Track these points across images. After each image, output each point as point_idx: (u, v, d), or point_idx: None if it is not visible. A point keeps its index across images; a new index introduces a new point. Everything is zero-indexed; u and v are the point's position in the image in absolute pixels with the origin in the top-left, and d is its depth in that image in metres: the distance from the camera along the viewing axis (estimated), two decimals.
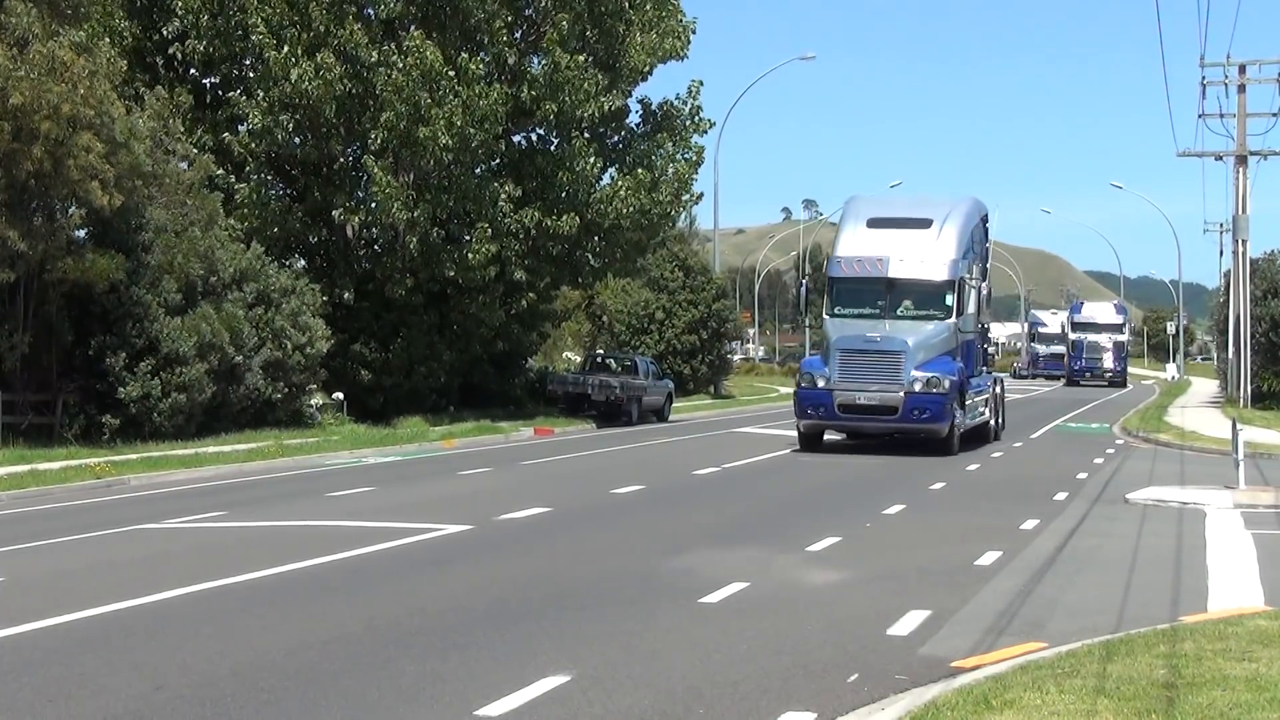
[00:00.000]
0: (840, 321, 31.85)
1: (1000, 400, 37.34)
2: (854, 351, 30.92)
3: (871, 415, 31.03)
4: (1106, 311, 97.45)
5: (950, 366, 31.08)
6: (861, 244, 32.53)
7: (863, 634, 11.14)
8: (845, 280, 32.39)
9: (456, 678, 9.59)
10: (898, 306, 31.70)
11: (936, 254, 32.03)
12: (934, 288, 31.79)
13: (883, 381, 30.61)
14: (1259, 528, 18.26)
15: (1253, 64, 55.45)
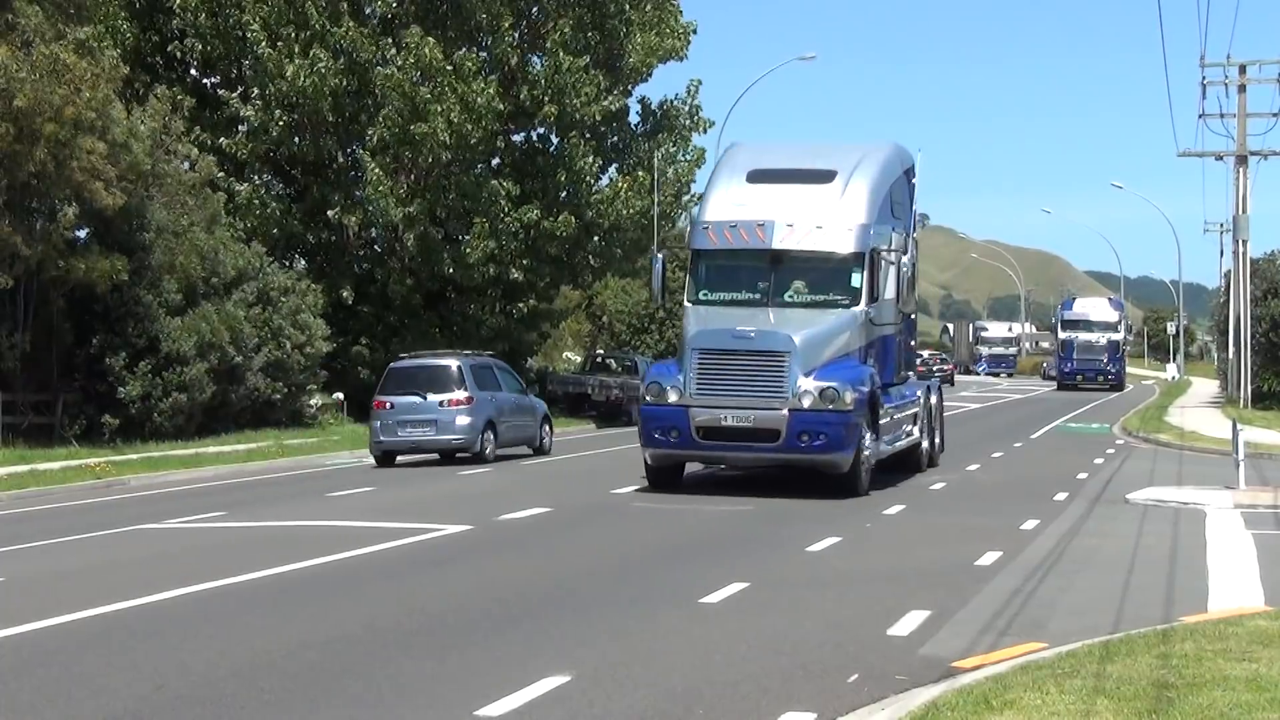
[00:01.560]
0: (705, 311, 22.73)
1: (938, 415, 27.79)
2: (717, 353, 21.68)
3: (743, 443, 21.65)
4: (1100, 308, 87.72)
5: (857, 372, 22.06)
6: (738, 204, 23.39)
7: (863, 634, 11.14)
8: (713, 254, 23.30)
9: (456, 678, 9.59)
10: (785, 290, 22.74)
11: (840, 217, 22.94)
12: (837, 263, 22.75)
13: (758, 394, 21.40)
14: (1259, 528, 18.26)
15: (1253, 64, 55.43)
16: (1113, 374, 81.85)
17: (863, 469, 21.79)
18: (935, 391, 27.91)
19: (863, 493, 21.58)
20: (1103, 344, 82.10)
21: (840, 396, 21.28)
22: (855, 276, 22.77)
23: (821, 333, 22.09)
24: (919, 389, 26.46)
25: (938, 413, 27.98)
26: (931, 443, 27.07)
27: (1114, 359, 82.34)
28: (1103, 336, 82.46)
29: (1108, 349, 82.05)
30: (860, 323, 22.67)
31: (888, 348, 24.18)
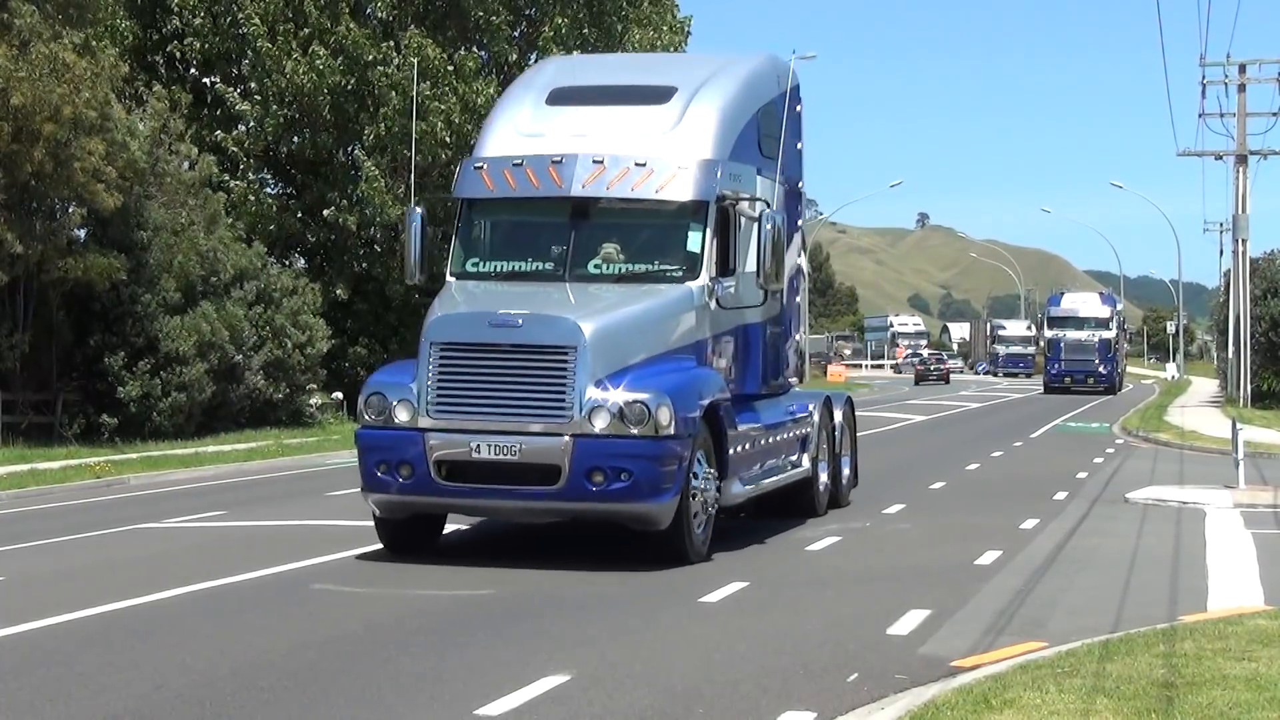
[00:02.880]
0: (473, 289, 15.88)
1: (845, 438, 20.21)
2: (466, 350, 14.69)
3: (505, 485, 14.52)
4: (1090, 303, 79.83)
5: (687, 378, 15.14)
6: (529, 135, 16.36)
7: (863, 634, 11.15)
8: (489, 206, 16.32)
9: (456, 677, 9.60)
10: (591, 256, 15.74)
11: (676, 151, 15.90)
12: (668, 218, 15.94)
13: (527, 412, 14.45)
14: (1259, 527, 18.26)
15: (1253, 64, 55.49)
16: (1104, 375, 74.52)
17: (695, 523, 14.56)
18: (842, 405, 20.09)
19: (693, 558, 14.44)
20: (1093, 342, 74.99)
21: (651, 414, 14.08)
22: (694, 237, 15.60)
23: (631, 319, 14.93)
24: (810, 402, 18.98)
25: (845, 435, 20.10)
26: (835, 475, 19.52)
27: (1106, 358, 75.14)
28: (1093, 334, 75.41)
29: (1098, 348, 74.90)
30: (698, 305, 15.40)
31: (749, 343, 16.87)
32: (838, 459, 19.87)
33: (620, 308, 15.15)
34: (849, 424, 20.59)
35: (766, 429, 17.11)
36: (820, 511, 18.88)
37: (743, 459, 16.07)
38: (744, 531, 17.66)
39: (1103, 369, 74.45)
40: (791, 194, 18.83)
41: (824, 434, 19.16)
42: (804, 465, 18.46)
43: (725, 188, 15.98)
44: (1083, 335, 75.06)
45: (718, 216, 15.82)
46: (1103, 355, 74.79)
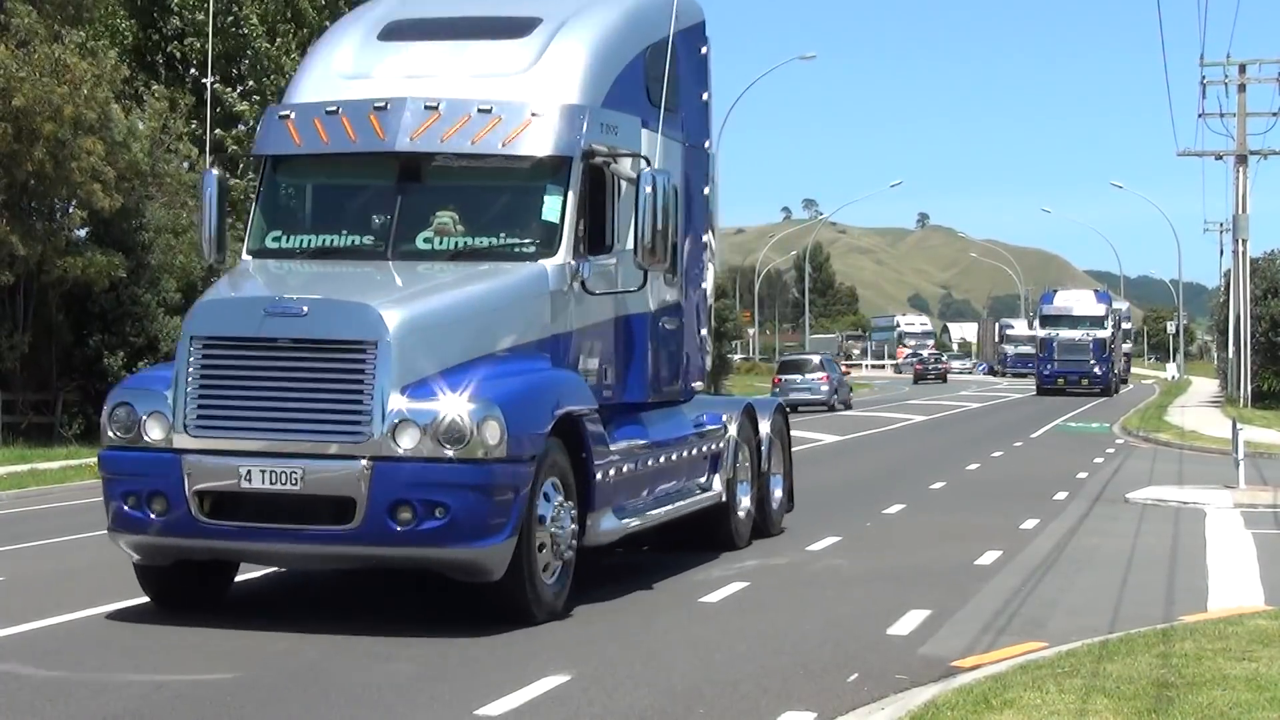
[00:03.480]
0: (264, 269, 12.87)
1: (775, 455, 17.08)
2: (235, 345, 11.47)
3: (285, 525, 11.21)
4: (1085, 300, 76.12)
5: (532, 382, 11.97)
6: (351, 77, 13.24)
7: (863, 634, 11.15)
8: (296, 165, 13.21)
9: (456, 678, 9.60)
10: (421, 228, 12.69)
11: (530, 94, 12.78)
12: (519, 178, 12.89)
13: (310, 427, 11.21)
14: (1259, 527, 18.27)
15: (1253, 63, 55.55)
16: (1099, 376, 71.20)
17: (542, 572, 11.44)
18: (770, 415, 16.80)
19: (540, 616, 11.38)
20: (1088, 342, 71.67)
21: (474, 431, 10.92)
22: (551, 203, 12.51)
23: (456, 306, 11.84)
24: (726, 412, 15.84)
25: (775, 451, 16.96)
26: (762, 499, 16.50)
27: (1101, 358, 71.85)
28: (1088, 333, 71.96)
29: (1093, 347, 71.64)
30: (555, 289, 12.27)
31: (632, 339, 13.58)
32: (765, 480, 16.57)
33: (443, 292, 11.94)
34: (780, 437, 17.20)
35: (657, 446, 13.79)
36: (740, 543, 15.71)
37: (619, 485, 12.71)
38: None
39: (1098, 369, 71.48)
40: (696, 155, 15.34)
41: (744, 450, 16.02)
42: (715, 488, 15.18)
43: (596, 141, 12.67)
44: (1077, 334, 71.89)
45: (585, 177, 12.51)
46: (1098, 355, 71.74)
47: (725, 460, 15.47)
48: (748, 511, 16.15)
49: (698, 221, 15.43)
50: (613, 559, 14.28)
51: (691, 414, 15.24)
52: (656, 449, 13.85)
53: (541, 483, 11.42)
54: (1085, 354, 71.28)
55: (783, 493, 17.39)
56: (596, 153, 12.72)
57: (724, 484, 15.39)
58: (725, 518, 15.58)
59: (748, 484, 16.16)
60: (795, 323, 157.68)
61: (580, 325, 12.69)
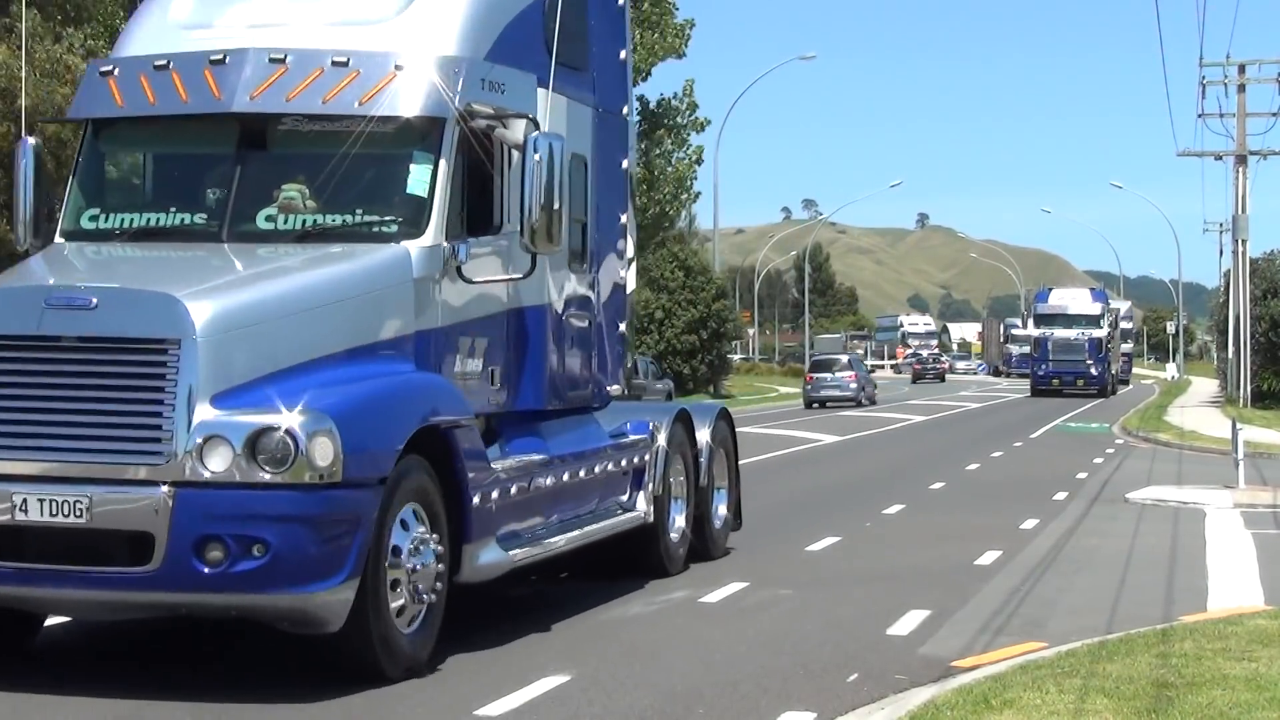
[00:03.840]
0: (71, 253, 10.72)
1: (715, 464, 14.89)
2: (8, 345, 9.21)
3: (65, 567, 8.97)
4: (1080, 299, 73.85)
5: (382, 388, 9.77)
6: (188, 25, 11.19)
7: (863, 634, 11.16)
8: (117, 129, 11.19)
9: (456, 678, 9.60)
10: (263, 204, 10.57)
11: (395, 44, 10.81)
12: (379, 146, 10.59)
13: (98, 446, 9.02)
14: (1259, 527, 18.27)
15: (1252, 64, 55.60)
16: (1095, 377, 69.09)
17: (395, 620, 9.42)
18: (709, 422, 14.73)
19: (393, 672, 9.41)
20: (1083, 341, 69.59)
21: (300, 448, 8.86)
22: (418, 172, 10.57)
23: (289, 297, 9.75)
24: (653, 420, 13.78)
25: (718, 463, 14.92)
26: (702, 518, 14.51)
27: (1097, 358, 69.71)
28: (1083, 333, 69.81)
29: (1089, 347, 69.53)
30: (422, 275, 10.31)
31: (524, 334, 11.58)
32: (704, 496, 14.51)
33: (273, 280, 9.90)
34: (724, 447, 15.15)
35: (559, 462, 11.76)
36: (673, 568, 13.79)
37: (506, 509, 10.69)
38: (743, 531, 17.67)
39: (1094, 370, 69.42)
40: (610, 122, 13.26)
41: (677, 463, 13.98)
42: (639, 508, 13.24)
43: (477, 100, 10.73)
44: (1071, 334, 69.82)
45: (462, 143, 10.56)
46: (1093, 355, 69.68)
47: (652, 475, 13.42)
48: (682, 533, 14.08)
49: (613, 198, 13.30)
50: (521, 590, 12.62)
51: (610, 423, 13.37)
52: (559, 465, 11.74)
53: (396, 510, 9.33)
54: (1080, 354, 69.47)
55: (728, 510, 15.25)
56: (477, 114, 10.67)
57: (650, 502, 13.35)
58: (653, 541, 13.53)
59: (682, 501, 14.10)
60: (795, 323, 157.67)
61: (455, 320, 10.63)
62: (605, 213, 13.14)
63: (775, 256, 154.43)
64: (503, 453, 11.13)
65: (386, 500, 9.23)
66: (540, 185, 10.49)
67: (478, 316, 10.95)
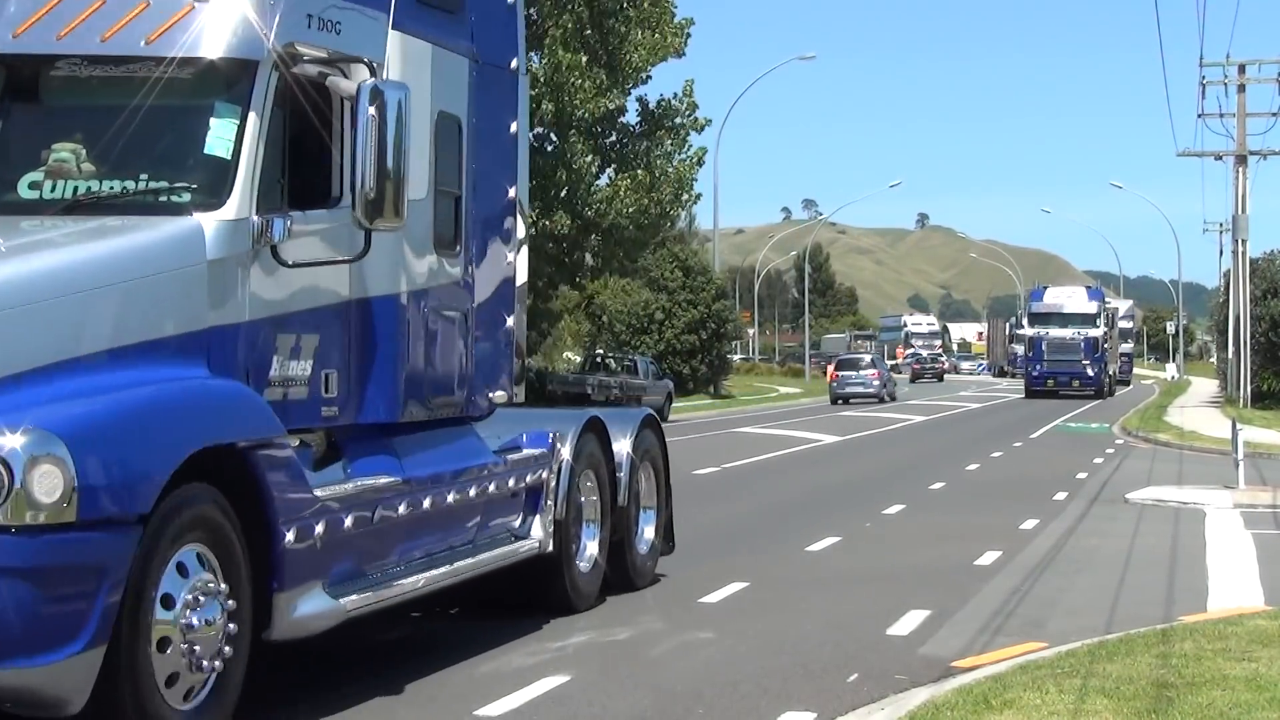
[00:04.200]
0: None
1: (638, 480, 12.94)
2: None
3: None
4: (1076, 298, 71.73)
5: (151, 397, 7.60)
6: None
7: (863, 634, 11.15)
8: None
9: (456, 677, 9.60)
10: (28, 167, 8.53)
11: None
12: (172, 96, 8.47)
13: None
14: (1259, 528, 18.27)
15: (1252, 64, 55.63)
16: (1091, 377, 67.36)
17: (164, 693, 7.36)
18: (631, 432, 12.71)
19: None
20: (1078, 341, 67.76)
21: (16, 478, 6.80)
22: (220, 129, 8.63)
23: (31, 282, 7.61)
24: (556, 429, 11.74)
25: (642, 479, 13.03)
26: (622, 543, 12.58)
27: (1093, 358, 67.90)
28: (1079, 332, 67.95)
29: (1084, 347, 67.72)
30: (217, 255, 8.30)
31: (368, 330, 9.53)
32: (625, 518, 12.52)
33: (14, 260, 7.73)
34: (651, 460, 13.18)
35: (418, 485, 9.63)
36: (582, 603, 11.85)
37: (338, 546, 8.62)
38: (744, 532, 17.68)
39: (1090, 370, 67.60)
40: (493, 77, 11.09)
41: (588, 481, 12.04)
42: (534, 535, 11.30)
43: (302, 40, 8.82)
44: (1067, 333, 67.92)
45: (281, 93, 8.66)
46: (1089, 355, 67.86)
47: (552, 495, 11.44)
48: (593, 562, 12.12)
49: (498, 169, 11.22)
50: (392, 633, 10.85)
51: (497, 435, 11.29)
52: (418, 488, 9.62)
53: (167, 554, 7.36)
54: (1076, 354, 67.74)
55: (656, 531, 13.26)
56: (303, 57, 8.77)
57: (549, 528, 11.39)
58: (555, 573, 11.55)
59: (595, 525, 12.17)
60: (795, 323, 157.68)
61: (270, 313, 8.58)
62: (487, 186, 10.91)
63: (775, 256, 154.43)
64: (345, 475, 9.11)
65: (150, 543, 7.19)
66: (373, 146, 8.41)
67: (303, 309, 8.78)
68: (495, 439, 11.23)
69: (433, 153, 9.90)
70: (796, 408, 59.55)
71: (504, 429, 11.47)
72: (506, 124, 11.46)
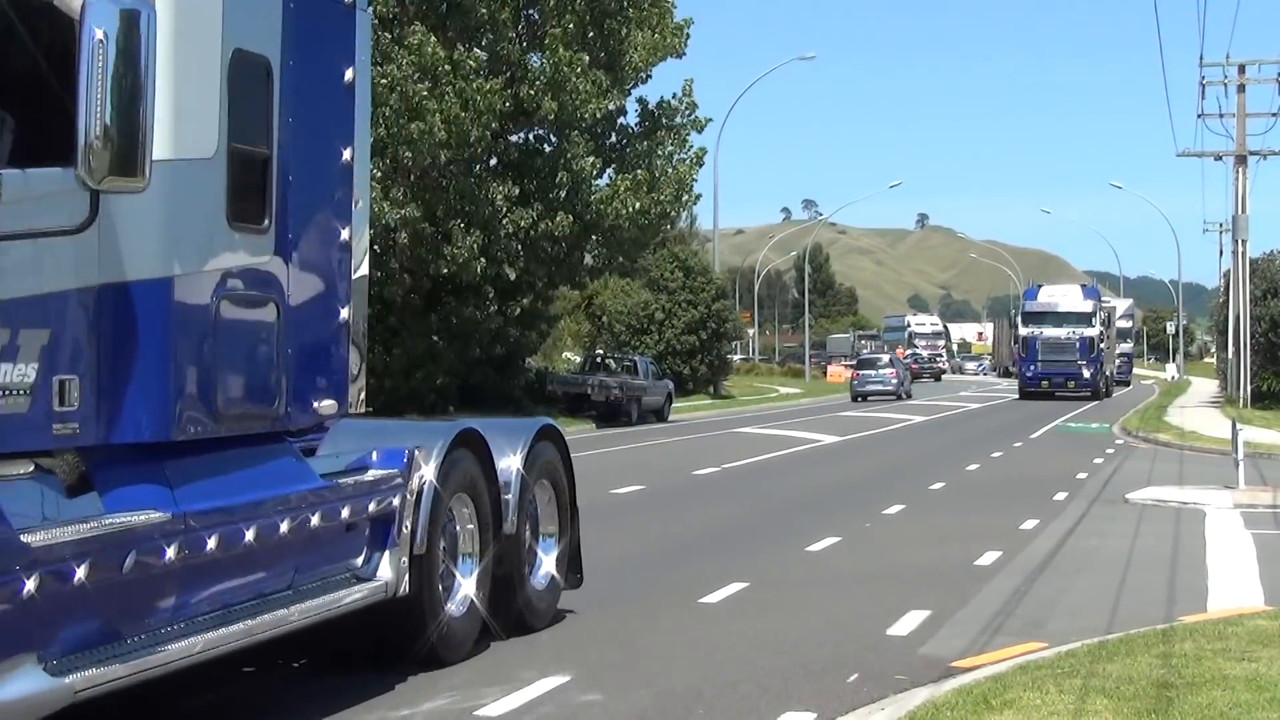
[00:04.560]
0: None
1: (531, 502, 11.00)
2: None
3: None
4: (1071, 296, 69.44)
5: None
6: None
7: (863, 634, 11.15)
8: None
9: (456, 678, 9.59)
10: None
11: None
12: None
13: None
14: (1259, 528, 18.27)
15: (1252, 64, 55.64)
16: (1086, 379, 65.45)
17: None
18: (522, 447, 10.79)
19: None
20: (1073, 341, 65.73)
21: None
22: None
23: None
24: (412, 444, 9.61)
25: (539, 501, 11.27)
26: (509, 579, 10.61)
27: (1088, 359, 65.81)
28: (1074, 332, 65.91)
29: (1079, 347, 65.72)
30: None
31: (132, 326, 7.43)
32: (514, 548, 10.49)
33: None
34: (551, 478, 11.27)
35: (196, 522, 7.52)
36: (451, 654, 9.82)
37: (54, 609, 6.56)
38: (744, 532, 17.68)
39: (1085, 371, 65.57)
40: (319, 11, 9.00)
41: (462, 506, 9.99)
42: (382, 577, 9.17)
43: None
44: (1062, 333, 65.84)
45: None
46: (1084, 355, 65.77)
47: (408, 525, 9.29)
48: (468, 604, 9.94)
49: (327, 126, 9.11)
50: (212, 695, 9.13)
51: (335, 454, 9.40)
52: (196, 525, 7.51)
53: None
54: (1071, 354, 65.80)
55: (557, 564, 11.26)
56: None
57: (403, 566, 9.25)
58: (415, 619, 9.50)
59: (472, 559, 10.07)
60: (795, 323, 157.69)
61: None
62: (311, 146, 8.84)
63: (775, 257, 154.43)
64: (100, 508, 7.19)
65: None
66: (98, 80, 6.34)
67: (22, 297, 6.79)
68: (334, 459, 9.29)
69: (224, 99, 7.87)
70: (796, 408, 59.55)
71: (351, 446, 9.45)
72: (339, 70, 9.21)
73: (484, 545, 10.19)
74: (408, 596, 9.32)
